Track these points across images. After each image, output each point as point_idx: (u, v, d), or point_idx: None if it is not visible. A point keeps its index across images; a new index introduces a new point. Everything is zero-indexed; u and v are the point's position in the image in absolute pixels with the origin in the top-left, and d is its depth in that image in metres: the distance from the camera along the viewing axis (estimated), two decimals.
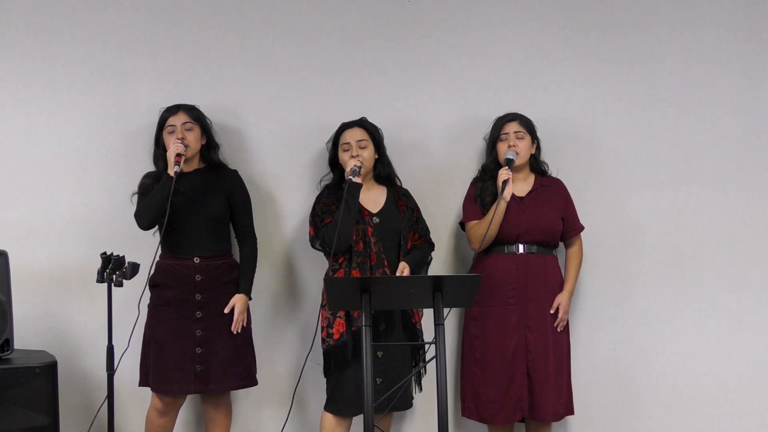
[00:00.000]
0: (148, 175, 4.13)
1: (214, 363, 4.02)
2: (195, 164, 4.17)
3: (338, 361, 4.03)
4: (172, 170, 3.94)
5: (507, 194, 4.09)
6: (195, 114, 4.13)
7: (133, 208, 4.09)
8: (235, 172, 4.24)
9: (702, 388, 4.60)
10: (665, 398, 4.61)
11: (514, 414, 4.16)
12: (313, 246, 4.16)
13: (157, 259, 4.05)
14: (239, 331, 4.06)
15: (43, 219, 4.31)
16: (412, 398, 4.21)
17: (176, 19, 4.44)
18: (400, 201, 4.21)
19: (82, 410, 4.29)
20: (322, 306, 4.09)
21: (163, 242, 4.03)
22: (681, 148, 4.63)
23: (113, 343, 3.75)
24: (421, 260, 4.17)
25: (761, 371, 4.61)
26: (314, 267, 4.38)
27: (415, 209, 4.24)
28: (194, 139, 4.10)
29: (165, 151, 4.07)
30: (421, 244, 4.20)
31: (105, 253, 3.74)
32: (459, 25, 4.58)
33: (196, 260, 4.04)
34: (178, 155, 3.95)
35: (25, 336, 4.14)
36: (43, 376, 3.73)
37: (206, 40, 4.45)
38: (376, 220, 4.12)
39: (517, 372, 4.14)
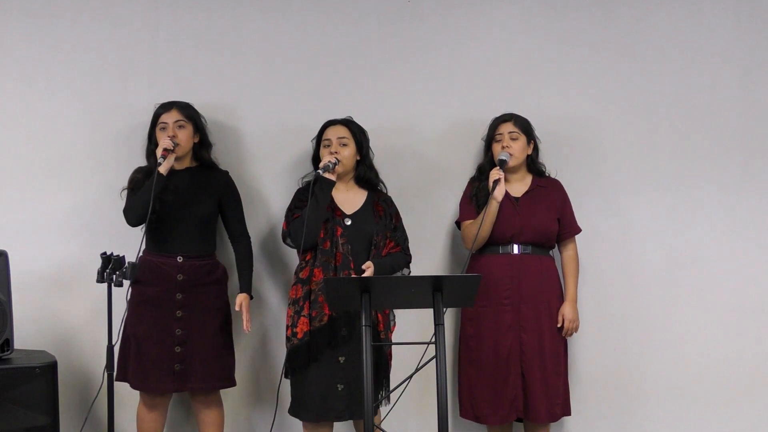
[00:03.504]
0: (138, 170, 4.13)
1: (193, 362, 4.03)
2: (187, 162, 4.16)
3: (299, 362, 4.00)
4: (161, 162, 3.93)
5: (498, 194, 4.08)
6: (188, 112, 4.13)
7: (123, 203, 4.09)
8: (226, 173, 4.25)
9: (701, 388, 4.60)
10: (664, 399, 4.61)
11: (509, 414, 4.17)
12: (284, 241, 4.15)
13: (140, 255, 4.04)
14: (249, 330, 4.12)
15: (43, 219, 4.31)
16: (378, 407, 4.15)
17: (176, 17, 4.45)
18: (379, 206, 4.16)
19: (82, 410, 4.29)
20: (288, 304, 4.08)
21: (149, 239, 4.03)
22: (681, 148, 4.63)
23: (113, 343, 3.76)
24: (391, 267, 4.09)
25: (761, 373, 4.61)
26: (284, 265, 4.38)
27: (394, 217, 4.18)
28: (186, 137, 4.10)
29: (156, 147, 4.07)
30: (395, 253, 4.14)
31: (105, 253, 3.74)
32: (457, 25, 4.58)
33: (180, 259, 4.04)
34: (165, 150, 3.95)
35: (25, 336, 4.14)
36: (43, 376, 3.73)
37: (205, 38, 4.47)
38: (348, 221, 4.08)
39: (512, 372, 4.15)
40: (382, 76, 4.55)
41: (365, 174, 4.19)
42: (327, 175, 3.98)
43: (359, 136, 4.16)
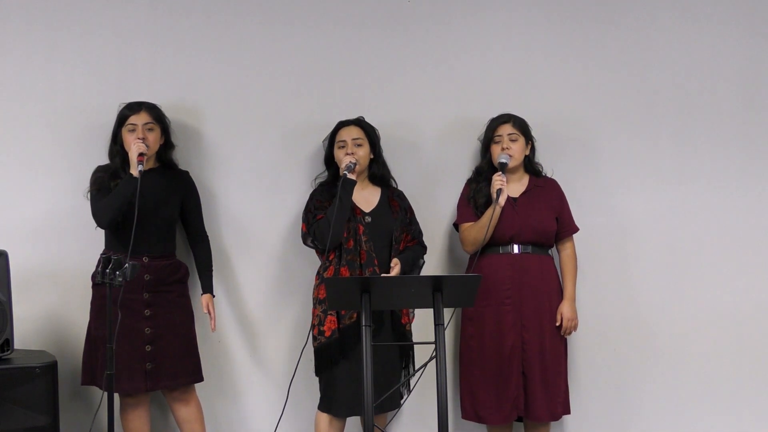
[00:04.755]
0: (100, 169, 4.12)
1: (164, 360, 4.05)
2: (151, 164, 4.17)
3: (329, 359, 4.05)
4: (135, 170, 3.94)
5: (502, 201, 4.09)
6: (156, 114, 4.14)
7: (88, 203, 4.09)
8: (187, 173, 4.28)
9: (700, 387, 4.62)
10: (663, 396, 4.62)
11: (510, 414, 4.18)
12: (305, 242, 4.18)
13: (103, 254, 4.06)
14: (215, 329, 4.15)
15: (43, 219, 4.31)
16: (401, 398, 4.22)
17: (175, 15, 4.45)
18: (394, 201, 4.22)
19: (82, 410, 4.29)
20: (314, 304, 4.11)
21: (114, 239, 4.06)
22: (680, 148, 4.64)
23: (113, 343, 3.75)
24: (413, 261, 4.17)
25: (760, 372, 4.62)
26: (306, 265, 4.38)
27: (408, 211, 4.24)
28: (154, 139, 4.11)
29: (122, 147, 4.08)
30: (413, 246, 4.21)
31: (105, 253, 3.74)
32: (456, 25, 4.59)
33: (145, 260, 4.04)
34: (141, 155, 3.96)
35: (25, 336, 4.14)
36: (43, 376, 3.71)
37: (207, 39, 4.47)
38: (368, 219, 4.13)
39: (513, 372, 4.16)
40: (380, 77, 4.55)
41: (379, 171, 4.24)
42: (351, 176, 4.02)
43: (372, 135, 4.21)
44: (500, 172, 4.14)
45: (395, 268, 4.06)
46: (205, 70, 4.45)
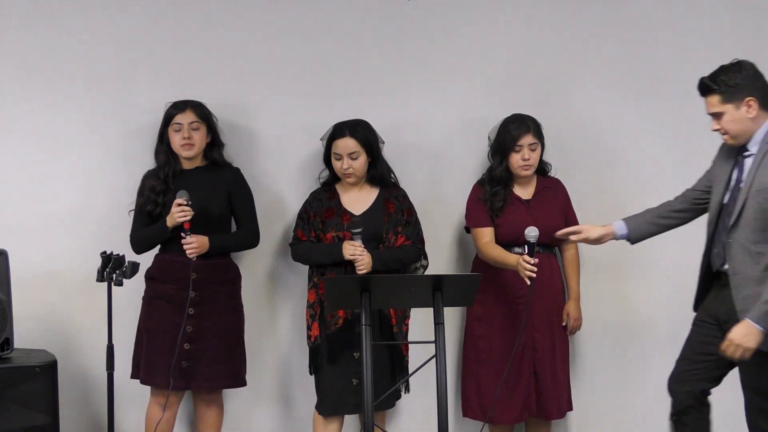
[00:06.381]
0: (148, 177, 4.13)
1: (201, 361, 4.03)
2: (198, 162, 4.17)
3: (316, 362, 4.10)
4: (170, 222, 3.98)
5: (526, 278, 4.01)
6: (202, 112, 4.13)
7: (129, 219, 4.14)
8: (236, 170, 4.25)
9: None
10: (662, 394, 4.60)
11: (522, 413, 4.18)
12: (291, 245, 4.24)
13: (156, 252, 4.13)
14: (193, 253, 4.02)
15: (43, 219, 4.31)
16: (396, 399, 4.22)
17: (179, 17, 4.44)
18: (390, 203, 4.17)
19: (82, 410, 4.29)
20: (306, 307, 4.13)
21: (167, 240, 4.08)
22: (683, 148, 4.62)
23: (113, 342, 3.76)
24: (397, 259, 4.10)
25: None
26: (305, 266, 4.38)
27: (406, 212, 4.18)
28: (200, 138, 4.11)
29: (169, 146, 4.10)
30: (405, 246, 4.14)
31: (105, 252, 3.75)
32: (459, 25, 4.58)
33: (194, 258, 4.04)
34: (188, 223, 3.97)
35: (25, 335, 4.13)
36: (43, 376, 3.73)
37: (209, 38, 4.46)
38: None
39: (525, 371, 4.15)
40: (384, 78, 4.54)
41: (378, 174, 4.20)
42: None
43: (368, 142, 4.13)
44: (531, 259, 3.95)
45: (363, 257, 3.97)
46: (210, 72, 4.47)
